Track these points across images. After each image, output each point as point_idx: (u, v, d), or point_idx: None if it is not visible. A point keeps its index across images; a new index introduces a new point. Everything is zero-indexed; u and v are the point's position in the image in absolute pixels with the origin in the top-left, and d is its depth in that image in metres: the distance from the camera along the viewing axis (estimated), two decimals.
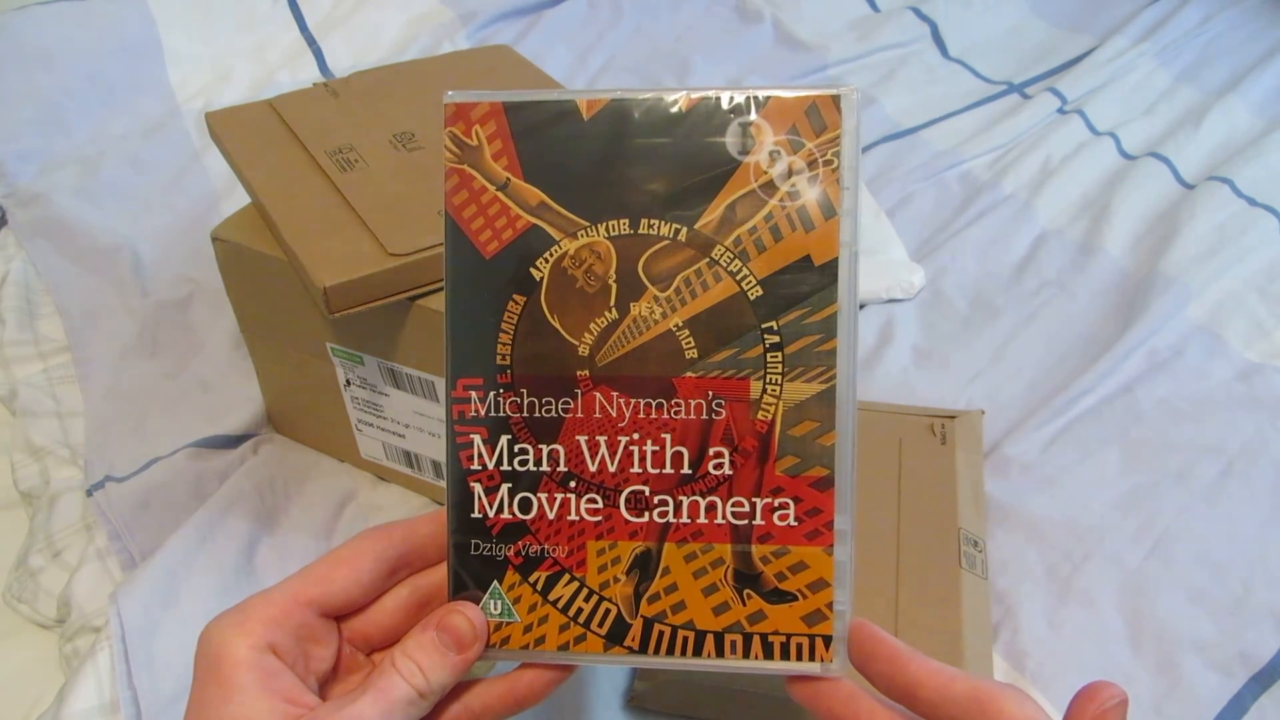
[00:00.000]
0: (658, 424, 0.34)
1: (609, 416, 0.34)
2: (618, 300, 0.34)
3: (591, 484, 0.34)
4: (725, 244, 0.33)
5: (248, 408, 0.64)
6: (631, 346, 0.34)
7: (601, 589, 0.34)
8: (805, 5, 1.13)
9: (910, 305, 0.76)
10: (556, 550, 0.34)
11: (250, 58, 1.00)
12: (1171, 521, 0.59)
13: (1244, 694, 0.51)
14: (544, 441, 0.34)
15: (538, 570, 0.35)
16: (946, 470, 0.57)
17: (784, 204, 0.33)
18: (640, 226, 0.34)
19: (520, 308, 0.34)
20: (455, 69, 0.65)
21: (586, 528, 0.34)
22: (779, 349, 0.33)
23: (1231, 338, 0.72)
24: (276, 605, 0.33)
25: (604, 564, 0.34)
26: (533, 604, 0.34)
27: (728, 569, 0.34)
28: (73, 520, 0.59)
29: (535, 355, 0.34)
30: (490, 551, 0.35)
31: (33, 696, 0.51)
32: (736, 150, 0.33)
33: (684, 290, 0.34)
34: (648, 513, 0.34)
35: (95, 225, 0.79)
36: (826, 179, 0.33)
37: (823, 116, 0.33)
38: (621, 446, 0.34)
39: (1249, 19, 1.11)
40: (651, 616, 0.34)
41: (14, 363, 0.70)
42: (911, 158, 0.91)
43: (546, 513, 0.34)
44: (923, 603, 0.50)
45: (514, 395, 0.34)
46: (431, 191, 0.52)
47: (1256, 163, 0.88)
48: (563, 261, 0.34)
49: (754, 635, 0.34)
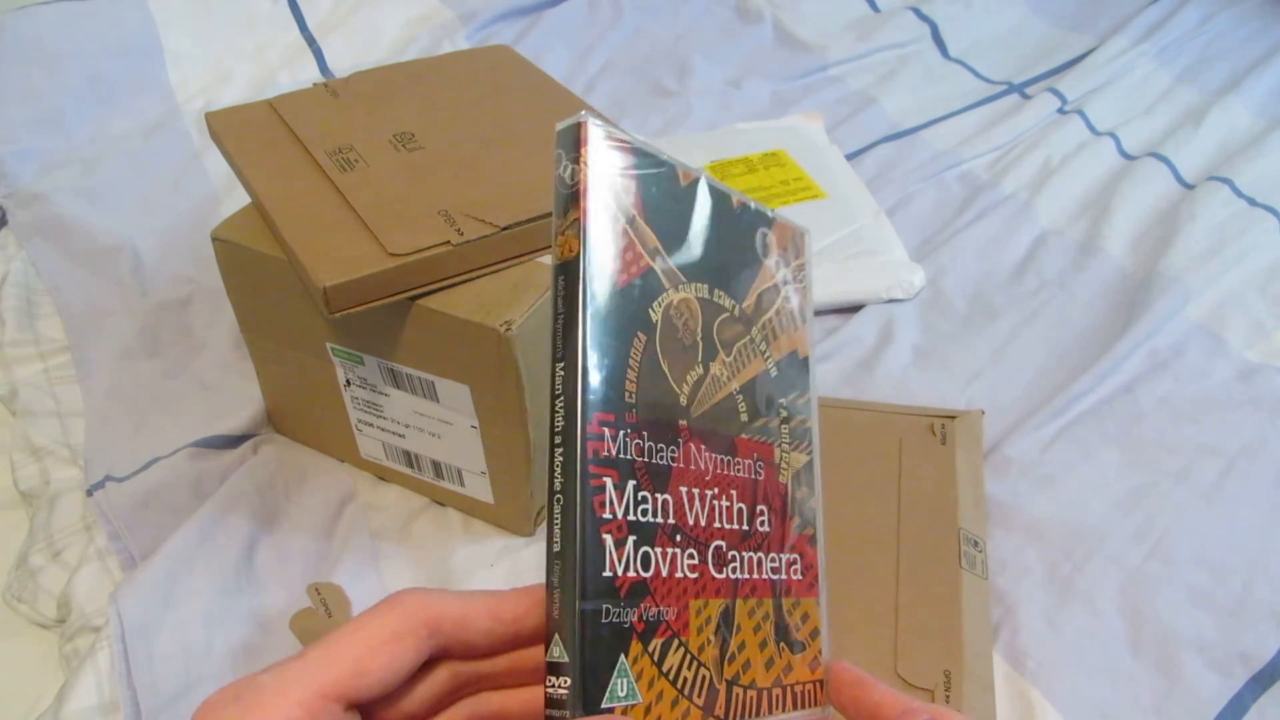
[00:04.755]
0: (727, 480, 0.34)
1: (699, 469, 0.33)
2: (704, 357, 0.35)
3: (691, 538, 0.32)
4: (758, 325, 0.37)
5: (248, 408, 0.64)
6: (712, 403, 0.35)
7: (699, 653, 0.32)
8: (805, 5, 1.13)
9: (910, 305, 0.76)
10: (669, 613, 0.31)
11: (250, 58, 1.00)
12: (1171, 521, 0.59)
13: (1244, 694, 0.51)
14: (659, 490, 0.32)
15: (655, 637, 0.30)
16: (946, 470, 0.57)
17: (785, 303, 0.39)
18: (714, 295, 0.36)
19: (643, 346, 0.32)
20: (455, 69, 0.65)
21: (689, 586, 0.32)
22: (786, 423, 0.37)
23: (1231, 338, 0.72)
24: (293, 701, 0.26)
25: (700, 625, 0.32)
26: (651, 679, 0.30)
27: (771, 623, 0.35)
28: (73, 520, 0.59)
29: (652, 398, 0.32)
30: (619, 618, 0.29)
31: (33, 696, 0.51)
32: (761, 252, 0.38)
33: (740, 358, 0.36)
34: (725, 569, 0.33)
35: (95, 225, 0.79)
36: (802, 292, 0.40)
37: (799, 243, 0.40)
38: (708, 500, 0.33)
39: (1249, 19, 1.11)
40: (731, 679, 0.32)
41: (14, 363, 0.70)
42: (911, 158, 0.91)
43: (661, 570, 0.31)
44: (923, 603, 0.50)
45: (638, 437, 0.31)
46: (431, 192, 0.52)
47: (1256, 163, 0.88)
48: (669, 310, 0.34)
49: (788, 687, 0.34)
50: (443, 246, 0.49)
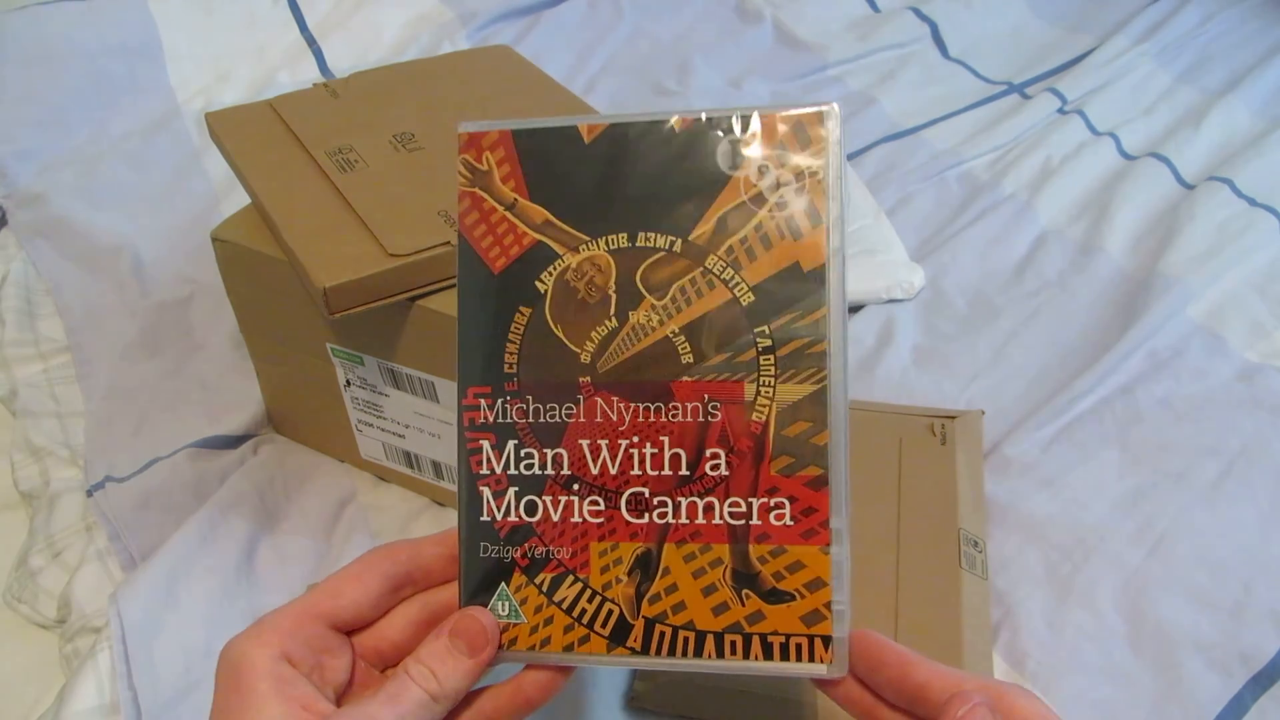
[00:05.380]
0: (656, 427, 0.35)
1: (610, 421, 0.35)
2: (617, 310, 0.35)
3: (594, 486, 0.35)
4: (718, 254, 0.35)
5: (248, 408, 0.65)
6: (631, 353, 0.35)
7: (604, 590, 0.35)
8: (805, 5, 1.13)
9: (910, 305, 0.76)
10: (561, 552, 0.35)
11: (250, 58, 1.00)
12: (1171, 522, 0.59)
13: (1244, 694, 0.51)
14: (548, 446, 0.36)
15: (543, 572, 0.35)
16: (946, 470, 0.57)
17: (773, 214, 0.34)
18: (638, 239, 0.35)
19: (526, 319, 0.36)
20: (455, 69, 0.65)
21: (589, 529, 0.35)
22: (771, 352, 0.34)
23: (1231, 338, 0.72)
24: (289, 618, 0.34)
25: (606, 565, 0.35)
26: (538, 605, 0.35)
27: (726, 569, 0.34)
28: (73, 520, 0.59)
29: (540, 363, 0.36)
30: (498, 554, 0.36)
31: (33, 696, 0.51)
32: (727, 166, 0.35)
33: (679, 298, 0.35)
34: (648, 514, 0.35)
35: (95, 225, 0.79)
36: (813, 190, 0.34)
37: (808, 132, 0.35)
38: (622, 450, 0.35)
39: (1249, 19, 1.11)
40: (653, 617, 0.34)
41: (14, 363, 0.70)
42: (911, 158, 0.91)
43: (551, 515, 0.35)
44: (923, 603, 0.50)
45: (520, 402, 0.36)
46: (432, 192, 0.52)
47: (1256, 163, 0.88)
48: (565, 274, 0.36)
49: (753, 636, 0.34)
50: (443, 246, 0.49)
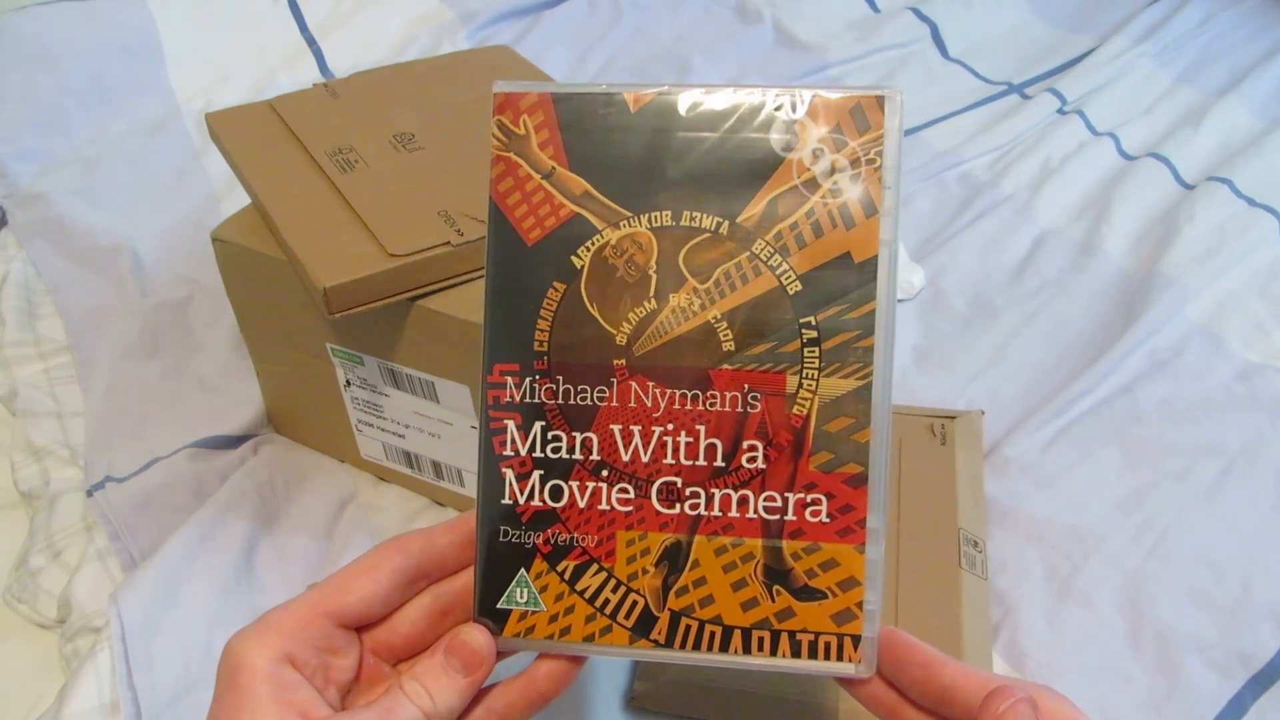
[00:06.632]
0: (693, 415, 0.34)
1: (644, 406, 0.34)
2: (657, 291, 0.34)
3: (624, 473, 0.34)
4: (766, 238, 0.33)
5: (248, 408, 0.64)
6: (669, 337, 0.34)
7: (630, 580, 0.34)
8: (805, 5, 1.13)
9: (910, 305, 0.76)
10: (586, 539, 0.34)
11: (250, 58, 1.00)
12: (1171, 521, 0.59)
13: (1244, 694, 0.51)
14: (578, 429, 0.34)
15: (566, 559, 0.34)
16: (946, 470, 0.57)
17: (826, 201, 0.33)
18: (682, 219, 0.34)
19: (560, 295, 0.34)
20: (455, 69, 0.65)
21: (617, 517, 0.34)
22: (816, 344, 0.33)
23: (1231, 338, 0.72)
24: (295, 617, 0.33)
25: (633, 555, 0.34)
26: (559, 593, 0.34)
27: (758, 564, 0.33)
28: (73, 520, 0.59)
29: (573, 343, 0.34)
30: (519, 539, 0.34)
31: (33, 696, 0.51)
32: (780, 147, 0.33)
33: (723, 283, 0.34)
34: (679, 504, 0.34)
35: (95, 225, 0.79)
36: (869, 177, 0.33)
37: (867, 116, 0.33)
38: (655, 437, 0.34)
39: (1249, 19, 1.11)
40: (679, 610, 0.33)
41: (14, 363, 0.70)
42: (911, 158, 0.91)
43: (577, 501, 0.34)
44: (923, 603, 0.50)
45: (550, 382, 0.34)
46: (432, 192, 0.52)
47: (1256, 163, 0.88)
48: (604, 251, 0.34)
49: (782, 632, 0.33)
50: (443, 247, 0.49)
